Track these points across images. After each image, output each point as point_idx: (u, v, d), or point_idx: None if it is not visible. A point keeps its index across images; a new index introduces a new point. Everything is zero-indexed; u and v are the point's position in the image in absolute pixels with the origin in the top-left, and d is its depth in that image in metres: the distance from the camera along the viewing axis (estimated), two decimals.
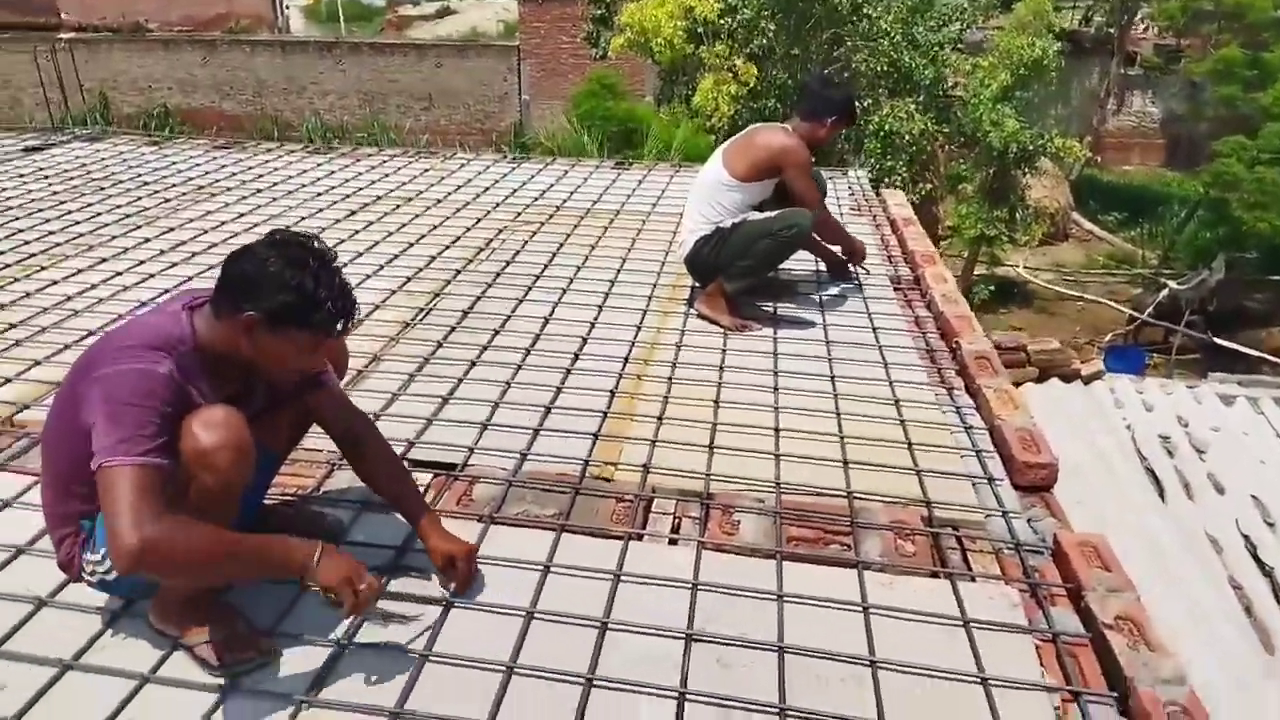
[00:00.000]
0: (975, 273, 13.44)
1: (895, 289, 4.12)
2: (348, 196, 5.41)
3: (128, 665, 1.86)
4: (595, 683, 1.85)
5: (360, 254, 4.40)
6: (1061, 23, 16.05)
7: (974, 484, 2.59)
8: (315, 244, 1.80)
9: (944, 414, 3.00)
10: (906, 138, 11.74)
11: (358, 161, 6.35)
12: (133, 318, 1.90)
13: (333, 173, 5.99)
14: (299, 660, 1.88)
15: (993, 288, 13.59)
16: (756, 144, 3.67)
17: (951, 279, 4.05)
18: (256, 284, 1.72)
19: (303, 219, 4.93)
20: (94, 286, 3.93)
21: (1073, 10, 21.47)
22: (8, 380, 3.11)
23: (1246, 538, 3.91)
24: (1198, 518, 4.32)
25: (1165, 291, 13.24)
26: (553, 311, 3.76)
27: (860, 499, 2.50)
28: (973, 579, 2.21)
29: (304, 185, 5.66)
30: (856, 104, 3.67)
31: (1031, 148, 13.34)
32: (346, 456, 2.15)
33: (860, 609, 2.07)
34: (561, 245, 4.60)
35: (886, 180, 11.37)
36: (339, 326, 1.82)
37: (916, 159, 12.89)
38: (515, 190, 5.65)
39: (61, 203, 5.14)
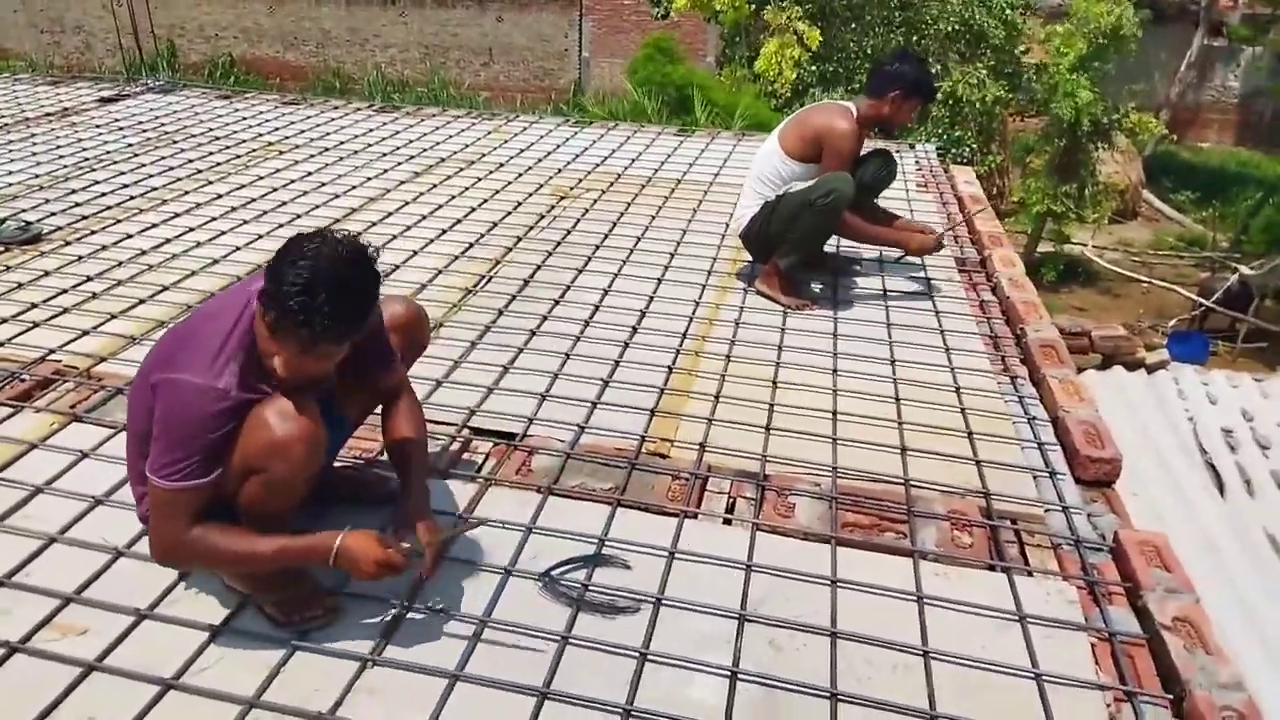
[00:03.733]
0: (1039, 250, 13.09)
1: (961, 271, 4.04)
2: (412, 157, 5.45)
3: (199, 617, 1.94)
4: (649, 657, 1.89)
5: (425, 217, 4.44)
6: None
7: (1035, 477, 2.56)
8: (340, 248, 1.66)
9: (1006, 403, 2.96)
10: (977, 105, 11.38)
11: (422, 122, 6.37)
12: (216, 299, 1.91)
13: (397, 133, 6.03)
14: (363, 621, 1.95)
15: (1061, 267, 13.12)
16: (811, 122, 3.54)
17: (1019, 262, 3.96)
18: (270, 275, 1.67)
19: (369, 179, 4.99)
20: (168, 241, 4.02)
21: None
22: (85, 333, 3.21)
23: None
24: (1256, 515, 4.22)
25: (1235, 276, 12.79)
26: (612, 283, 3.77)
27: (918, 487, 2.49)
28: (1029, 573, 2.20)
29: (369, 145, 5.71)
30: (927, 77, 3.49)
31: (1105, 122, 12.88)
32: (383, 415, 2.11)
33: (915, 599, 2.08)
34: (622, 214, 4.59)
35: (954, 151, 11.08)
36: (315, 343, 1.66)
37: (986, 129, 12.55)
38: (577, 156, 5.63)
39: (135, 155, 5.25)
